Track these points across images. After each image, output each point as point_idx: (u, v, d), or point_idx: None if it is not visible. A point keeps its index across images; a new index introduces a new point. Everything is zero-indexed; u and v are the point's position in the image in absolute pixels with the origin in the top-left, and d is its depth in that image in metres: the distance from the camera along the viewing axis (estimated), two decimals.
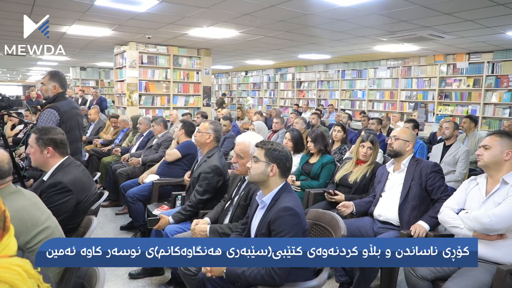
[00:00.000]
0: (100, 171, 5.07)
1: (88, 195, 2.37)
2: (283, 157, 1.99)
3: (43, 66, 14.70)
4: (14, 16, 5.83)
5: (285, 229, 1.80)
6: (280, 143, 2.08)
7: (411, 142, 2.82)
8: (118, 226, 4.22)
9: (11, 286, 1.02)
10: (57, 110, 3.03)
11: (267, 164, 1.97)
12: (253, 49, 9.32)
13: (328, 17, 5.58)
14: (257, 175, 1.98)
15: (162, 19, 6.00)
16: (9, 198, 1.71)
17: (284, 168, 2.00)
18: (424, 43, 7.61)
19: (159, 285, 2.93)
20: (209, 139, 3.05)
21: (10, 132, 6.37)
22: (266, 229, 1.88)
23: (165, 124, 4.97)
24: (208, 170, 2.87)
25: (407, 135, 2.84)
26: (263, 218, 1.94)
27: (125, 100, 8.32)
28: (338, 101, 12.08)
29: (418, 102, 9.73)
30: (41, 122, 2.97)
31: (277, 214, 1.84)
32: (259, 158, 1.99)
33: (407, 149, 2.80)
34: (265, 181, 1.99)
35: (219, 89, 18.69)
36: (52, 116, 3.01)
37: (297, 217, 1.83)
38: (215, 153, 3.02)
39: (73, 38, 7.72)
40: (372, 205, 2.87)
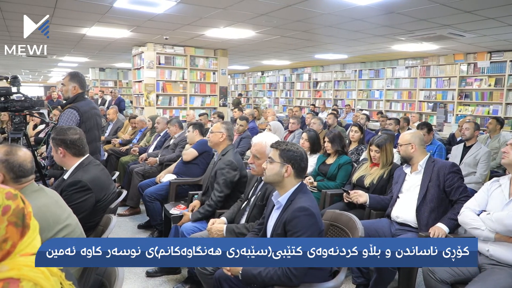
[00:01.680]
0: (118, 170, 5.15)
1: (107, 194, 2.41)
2: (297, 157, 1.98)
3: (63, 67, 15.02)
4: (37, 18, 5.98)
5: (300, 230, 1.79)
6: (295, 144, 2.07)
7: (414, 143, 2.78)
8: (135, 224, 4.29)
9: (35, 284, 1.03)
10: (77, 110, 3.09)
11: (281, 165, 1.97)
12: (270, 49, 9.31)
13: (345, 17, 5.53)
14: (272, 175, 1.99)
15: (179, 20, 6.06)
16: (32, 196, 1.75)
17: (299, 169, 1.99)
18: (444, 42, 7.46)
19: (176, 283, 2.96)
20: (222, 138, 3.15)
21: (32, 131, 6.54)
22: (282, 230, 1.88)
23: (180, 125, 5.01)
24: (222, 166, 2.94)
25: (406, 139, 2.82)
26: (279, 219, 1.94)
27: (142, 100, 8.44)
28: (355, 101, 11.97)
29: (437, 102, 9.55)
30: (62, 122, 3.04)
31: (292, 215, 1.84)
32: (274, 159, 1.99)
33: (412, 151, 2.77)
34: (280, 182, 1.99)
35: (235, 89, 18.75)
36: (72, 116, 3.07)
37: (313, 218, 1.83)
38: (229, 151, 3.11)
39: (92, 39, 7.88)
40: (390, 206, 2.83)
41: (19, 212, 1.10)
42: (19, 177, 1.76)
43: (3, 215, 1.07)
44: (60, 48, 9.54)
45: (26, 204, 1.16)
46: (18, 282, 1.01)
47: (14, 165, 1.75)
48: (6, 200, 1.09)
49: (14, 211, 1.09)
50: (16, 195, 1.13)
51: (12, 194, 1.12)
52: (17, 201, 1.12)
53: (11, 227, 1.08)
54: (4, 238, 1.07)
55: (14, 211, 1.09)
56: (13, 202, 1.11)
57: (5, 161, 1.74)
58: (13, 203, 1.11)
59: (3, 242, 1.07)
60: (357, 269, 2.79)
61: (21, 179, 1.77)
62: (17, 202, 1.12)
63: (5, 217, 1.07)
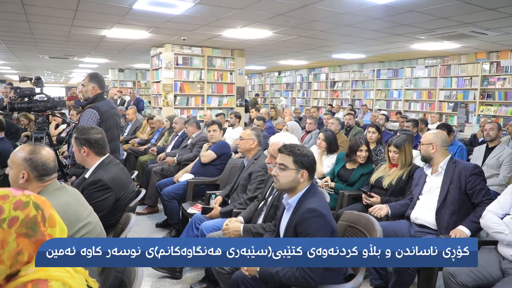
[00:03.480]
0: (137, 169, 5.23)
1: (126, 192, 2.46)
2: (312, 161, 1.97)
3: (84, 68, 15.34)
4: (59, 21, 6.13)
5: (311, 232, 1.79)
6: (303, 146, 2.05)
7: (435, 144, 2.72)
8: (153, 223, 4.34)
9: (63, 283, 1.03)
10: (97, 110, 3.16)
11: (297, 171, 1.94)
12: (287, 49, 9.29)
13: (363, 16, 5.47)
14: (287, 183, 1.95)
15: (197, 21, 6.11)
16: (54, 194, 1.80)
17: (312, 171, 1.99)
18: (465, 41, 7.29)
19: (193, 282, 2.98)
20: (253, 145, 3.26)
21: (54, 131, 6.70)
22: (293, 232, 1.87)
23: (198, 124, 5.06)
24: (259, 169, 3.02)
25: (429, 138, 2.77)
26: (290, 221, 1.94)
27: (160, 100, 8.53)
28: (372, 101, 11.82)
29: (458, 102, 9.34)
30: (83, 121, 3.10)
31: (302, 216, 1.83)
32: (288, 166, 1.94)
33: (432, 151, 2.72)
34: (295, 187, 1.97)
35: (252, 89, 18.77)
36: (92, 115, 3.13)
37: (323, 218, 1.81)
38: (261, 155, 3.21)
39: (112, 41, 8.02)
40: (409, 208, 2.79)
41: (29, 221, 1.06)
42: (42, 176, 1.80)
43: (10, 228, 1.03)
44: (81, 50, 9.75)
45: (45, 209, 1.12)
46: (47, 282, 1.01)
47: (37, 163, 1.79)
48: (13, 211, 1.04)
49: (22, 222, 1.05)
50: (27, 203, 1.07)
51: (23, 203, 1.07)
52: (26, 210, 1.06)
53: (22, 238, 1.04)
54: (17, 251, 1.03)
55: (23, 222, 1.05)
56: (21, 212, 1.05)
57: (29, 160, 1.79)
58: (21, 213, 1.05)
59: (18, 255, 1.04)
60: (375, 271, 2.76)
61: (44, 178, 1.81)
62: (26, 211, 1.06)
63: (12, 229, 1.03)
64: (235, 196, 3.16)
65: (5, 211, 1.04)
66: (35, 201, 1.10)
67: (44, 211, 1.11)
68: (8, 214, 1.04)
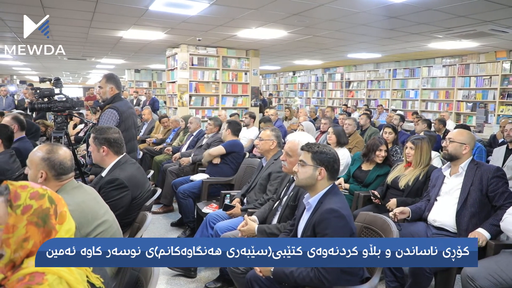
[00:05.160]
0: (153, 169, 5.29)
1: (142, 191, 2.48)
2: (331, 159, 1.95)
3: (101, 69, 15.59)
4: (78, 23, 6.24)
5: (329, 232, 1.77)
6: (327, 145, 2.04)
7: (469, 145, 2.63)
8: (169, 222, 4.38)
9: (59, 277, 1.07)
10: (116, 110, 3.21)
11: (314, 168, 1.94)
12: (301, 49, 9.25)
13: (379, 15, 5.41)
14: (305, 179, 1.96)
15: (212, 22, 6.14)
16: (72, 192, 1.83)
17: (332, 171, 1.97)
18: (485, 39, 7.13)
19: (207, 281, 2.99)
20: (272, 145, 3.27)
21: (72, 131, 6.82)
22: (312, 232, 1.86)
23: (219, 126, 5.10)
24: (279, 169, 2.99)
25: (463, 137, 2.65)
26: (309, 220, 1.93)
27: (176, 100, 8.61)
28: (388, 101, 11.68)
29: (477, 102, 9.14)
30: (103, 122, 3.15)
31: (321, 216, 1.82)
32: (306, 162, 1.96)
33: (464, 152, 2.63)
34: (313, 185, 1.96)
35: (267, 89, 18.76)
36: (112, 115, 3.18)
37: (343, 219, 1.80)
38: (280, 156, 3.16)
39: (129, 42, 8.12)
40: (426, 210, 2.74)
41: (41, 212, 1.12)
42: (60, 175, 1.84)
43: (23, 214, 1.09)
44: (98, 51, 9.91)
45: (59, 205, 1.17)
46: (43, 275, 1.06)
47: (55, 163, 1.83)
48: (29, 199, 1.11)
49: (35, 211, 1.11)
50: (43, 195, 1.14)
51: (39, 194, 1.13)
52: (41, 201, 1.13)
53: (32, 226, 1.10)
54: (24, 237, 1.09)
55: (36, 211, 1.11)
56: (36, 202, 1.12)
57: (47, 159, 1.83)
58: (36, 203, 1.12)
59: (24, 241, 1.09)
60: (391, 274, 2.72)
61: (61, 176, 1.85)
62: (41, 202, 1.13)
63: (24, 216, 1.09)
64: (252, 195, 3.16)
65: (21, 198, 1.11)
66: (51, 196, 1.16)
67: (57, 206, 1.16)
68: (23, 202, 1.10)
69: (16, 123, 3.65)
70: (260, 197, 3.04)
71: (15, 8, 5.22)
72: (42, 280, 1.04)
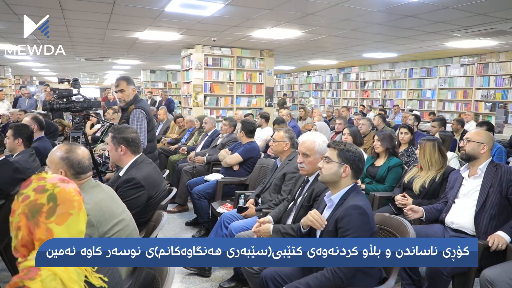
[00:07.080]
0: (168, 168, 5.34)
1: (158, 191, 2.51)
2: (356, 158, 1.96)
3: (117, 70, 15.83)
4: (95, 24, 6.35)
5: (351, 228, 1.76)
6: (353, 144, 2.07)
7: (487, 145, 2.58)
8: (183, 221, 4.41)
9: (53, 273, 1.08)
10: (143, 110, 3.26)
11: (339, 165, 1.95)
12: (316, 49, 9.21)
13: (395, 14, 5.34)
14: (329, 175, 1.97)
15: (227, 22, 6.16)
16: (90, 191, 1.86)
17: (357, 169, 1.98)
18: (504, 38, 6.97)
19: (221, 280, 3.01)
20: (286, 147, 3.25)
21: (89, 130, 6.94)
22: (333, 227, 1.86)
23: (234, 126, 5.13)
24: (294, 170, 2.99)
25: (481, 137, 2.60)
26: (330, 217, 1.93)
27: (191, 101, 8.67)
28: (404, 101, 11.52)
29: (497, 102, 8.95)
30: (134, 122, 3.18)
31: (345, 212, 1.82)
32: (332, 159, 1.98)
33: (482, 152, 2.57)
34: (336, 182, 1.97)
35: (281, 89, 18.73)
36: (142, 116, 3.24)
37: (366, 217, 1.80)
38: (295, 156, 3.17)
39: (144, 43, 8.22)
40: (444, 212, 2.69)
41: (33, 206, 1.13)
42: (78, 174, 1.87)
43: (22, 202, 1.13)
44: (114, 52, 10.06)
45: (64, 206, 1.15)
46: (38, 270, 1.08)
47: (73, 162, 1.86)
48: (31, 190, 1.14)
49: (30, 202, 1.13)
50: (46, 190, 1.14)
51: (42, 188, 1.14)
52: (39, 195, 1.13)
53: (23, 216, 1.13)
54: (18, 226, 1.13)
55: (30, 203, 1.13)
56: (34, 195, 1.13)
57: (65, 159, 1.86)
58: (34, 195, 1.13)
59: (18, 230, 1.13)
60: (407, 276, 2.68)
61: (80, 175, 1.88)
62: (38, 196, 1.13)
63: (22, 204, 1.13)
64: (267, 195, 3.17)
65: (28, 187, 1.15)
66: (55, 194, 1.15)
67: (60, 206, 1.14)
68: (27, 191, 1.14)
69: (36, 123, 3.73)
70: (275, 198, 3.04)
71: (36, 10, 5.33)
72: (35, 275, 1.06)
